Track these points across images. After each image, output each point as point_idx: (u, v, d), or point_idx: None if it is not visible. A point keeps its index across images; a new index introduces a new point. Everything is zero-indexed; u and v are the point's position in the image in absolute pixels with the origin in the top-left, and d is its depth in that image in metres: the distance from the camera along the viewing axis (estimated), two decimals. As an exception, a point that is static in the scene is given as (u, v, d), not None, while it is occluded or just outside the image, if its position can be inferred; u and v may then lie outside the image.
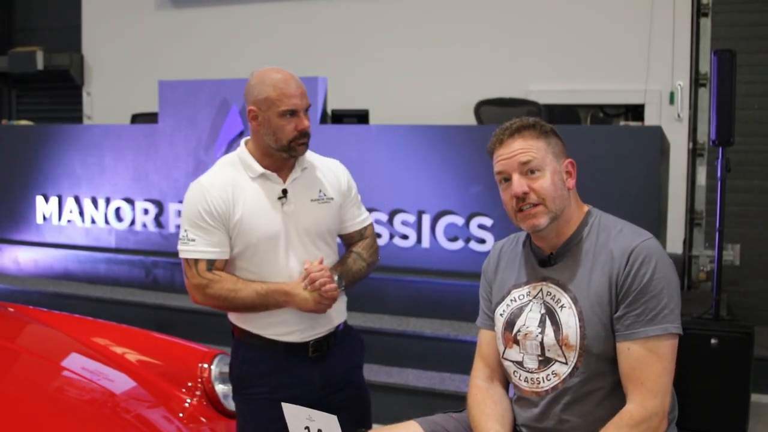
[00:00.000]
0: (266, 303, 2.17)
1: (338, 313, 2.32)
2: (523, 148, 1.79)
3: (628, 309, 1.70)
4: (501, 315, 1.89)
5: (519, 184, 1.78)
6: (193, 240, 2.17)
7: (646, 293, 1.69)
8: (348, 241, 2.39)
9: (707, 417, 3.52)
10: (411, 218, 4.35)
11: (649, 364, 1.68)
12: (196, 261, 2.17)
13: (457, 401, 2.18)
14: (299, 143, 2.18)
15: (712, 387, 3.53)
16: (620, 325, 1.71)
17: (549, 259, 1.84)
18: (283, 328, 2.22)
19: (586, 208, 1.88)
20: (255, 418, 2.24)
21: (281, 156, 2.19)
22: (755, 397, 3.80)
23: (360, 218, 2.38)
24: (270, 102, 2.15)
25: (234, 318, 2.29)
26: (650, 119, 5.31)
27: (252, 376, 2.25)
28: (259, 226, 2.17)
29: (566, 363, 1.76)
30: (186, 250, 2.18)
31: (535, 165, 1.78)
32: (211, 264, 2.17)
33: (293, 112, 2.15)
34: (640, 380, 1.68)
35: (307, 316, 2.20)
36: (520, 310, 1.85)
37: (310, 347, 2.24)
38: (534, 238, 1.88)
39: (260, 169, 2.20)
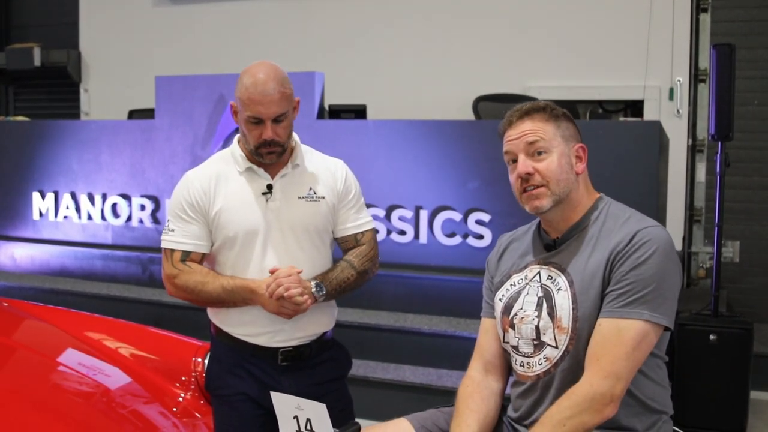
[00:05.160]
0: (233, 299, 2.13)
1: (318, 324, 2.24)
2: (530, 129, 1.80)
3: (615, 286, 1.68)
4: (500, 300, 1.88)
5: (524, 164, 1.79)
6: (173, 230, 2.17)
7: (636, 274, 1.67)
8: (343, 245, 2.30)
9: (706, 414, 3.51)
10: (408, 214, 4.34)
11: (611, 345, 1.65)
12: (172, 251, 2.16)
13: (454, 397, 2.16)
14: (266, 151, 2.11)
15: (711, 384, 3.52)
16: (603, 303, 1.69)
17: (554, 244, 1.84)
18: (252, 328, 2.17)
19: (596, 195, 1.88)
20: (223, 418, 2.21)
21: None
22: (754, 394, 3.79)
23: (356, 222, 2.28)
24: (240, 103, 2.10)
25: (210, 313, 2.27)
26: (649, 115, 5.29)
27: (219, 375, 2.22)
28: (238, 219, 2.14)
29: (557, 347, 1.74)
30: (164, 240, 2.19)
31: (542, 146, 1.79)
32: (186, 255, 2.16)
33: (258, 120, 2.07)
34: (597, 357, 1.65)
35: (278, 319, 2.13)
36: (518, 294, 1.84)
37: (280, 355, 2.17)
38: (542, 223, 1.89)
39: (247, 164, 2.17)
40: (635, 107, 5.53)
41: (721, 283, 3.89)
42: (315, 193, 2.20)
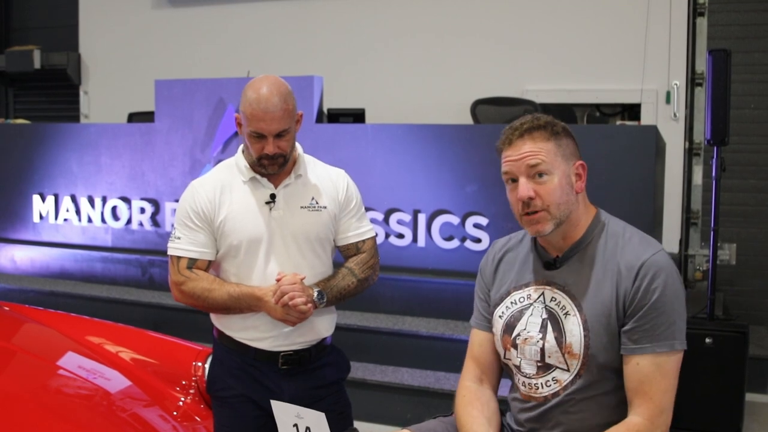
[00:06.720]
0: (239, 306, 2.18)
1: (318, 329, 2.28)
2: (532, 150, 1.74)
3: (637, 323, 1.69)
4: (500, 317, 1.86)
5: (525, 188, 1.74)
6: (179, 238, 2.23)
7: (656, 309, 1.68)
8: (344, 253, 2.35)
9: (702, 416, 3.52)
10: (407, 217, 4.36)
11: (657, 380, 1.68)
12: (179, 258, 2.22)
13: (452, 401, 2.18)
14: (268, 163, 2.16)
15: (707, 386, 3.53)
16: (627, 338, 1.70)
17: (554, 263, 1.81)
18: (255, 333, 2.23)
19: (594, 210, 1.84)
20: (223, 419, 2.26)
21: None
22: (750, 397, 3.81)
23: (357, 231, 2.33)
24: (244, 117, 2.15)
25: (213, 317, 2.32)
26: (646, 119, 5.31)
27: (221, 377, 2.27)
28: (242, 228, 2.19)
29: (568, 370, 1.75)
30: (171, 247, 2.24)
31: (543, 169, 1.74)
32: (192, 263, 2.21)
33: (260, 135, 2.13)
34: (649, 395, 1.68)
35: (279, 324, 2.19)
36: (520, 313, 1.82)
37: (281, 359, 2.22)
38: (539, 240, 1.86)
39: (251, 173, 2.22)
40: (632, 110, 5.55)
41: (718, 285, 3.91)
42: (317, 203, 2.25)
